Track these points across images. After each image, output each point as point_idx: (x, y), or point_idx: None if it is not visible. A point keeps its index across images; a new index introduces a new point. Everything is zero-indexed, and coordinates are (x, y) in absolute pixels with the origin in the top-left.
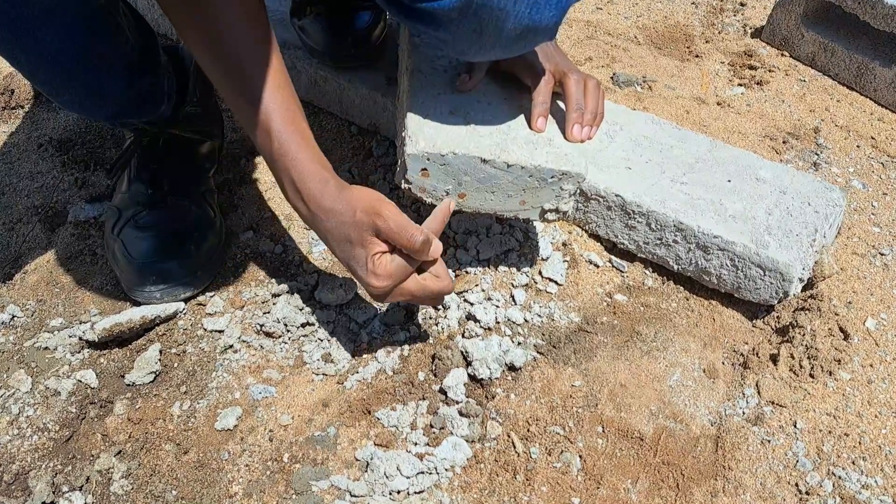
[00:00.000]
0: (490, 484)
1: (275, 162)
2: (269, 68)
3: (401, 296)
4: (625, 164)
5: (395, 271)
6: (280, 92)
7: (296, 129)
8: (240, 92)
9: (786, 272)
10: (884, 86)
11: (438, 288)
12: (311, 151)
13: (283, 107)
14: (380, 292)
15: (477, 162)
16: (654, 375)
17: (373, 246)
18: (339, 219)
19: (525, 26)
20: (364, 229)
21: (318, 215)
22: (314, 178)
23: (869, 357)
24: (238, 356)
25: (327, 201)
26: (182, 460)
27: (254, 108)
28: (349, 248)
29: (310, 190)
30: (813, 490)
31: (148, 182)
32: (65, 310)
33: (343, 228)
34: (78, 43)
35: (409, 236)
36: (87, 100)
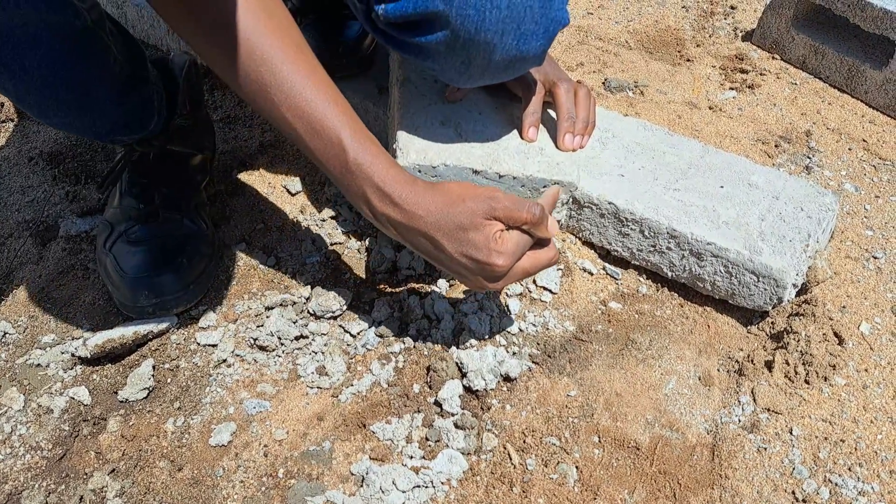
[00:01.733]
0: (486, 497)
1: (352, 174)
2: (318, 79)
3: (515, 276)
4: (617, 172)
5: (515, 248)
6: (339, 102)
7: (366, 136)
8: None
9: (780, 278)
10: (875, 88)
11: (549, 258)
12: (386, 156)
13: (349, 116)
14: (503, 271)
15: (468, 173)
16: (650, 384)
17: (490, 227)
18: (447, 210)
19: (513, 56)
20: (479, 214)
21: (417, 214)
22: (401, 181)
23: (864, 362)
24: (232, 370)
25: (425, 197)
26: (176, 477)
27: (316, 122)
28: (463, 235)
29: (401, 193)
30: (809, 497)
31: (139, 196)
32: (56, 326)
33: (453, 217)
34: (65, 67)
35: (527, 209)
36: (77, 120)
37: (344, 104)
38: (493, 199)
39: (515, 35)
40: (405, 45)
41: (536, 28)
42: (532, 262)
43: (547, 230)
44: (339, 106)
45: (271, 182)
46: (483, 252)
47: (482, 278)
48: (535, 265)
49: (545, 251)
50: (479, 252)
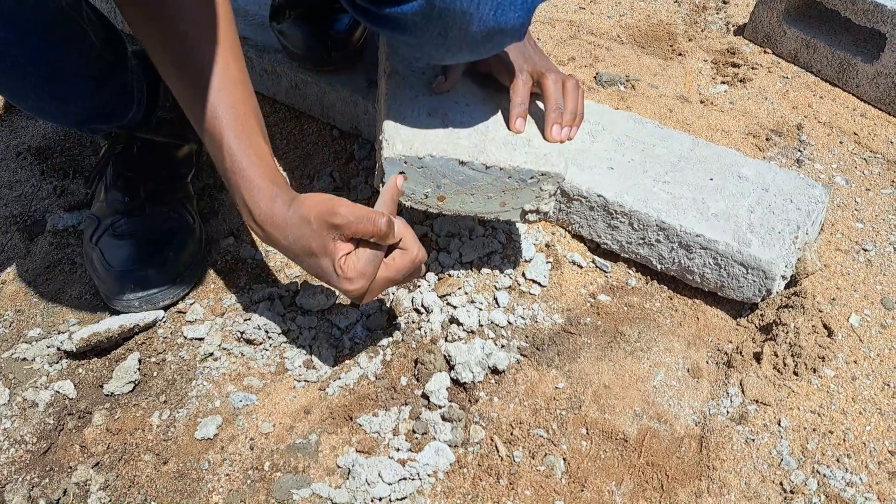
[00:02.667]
0: (473, 489)
1: (228, 180)
2: (228, 77)
3: (378, 288)
4: (607, 164)
5: (365, 267)
6: (237, 104)
7: (249, 144)
8: (194, 100)
9: (768, 270)
10: (866, 81)
11: (410, 261)
12: (263, 168)
13: (240, 121)
14: (358, 293)
15: (455, 164)
16: (638, 376)
17: (336, 250)
18: (296, 232)
19: (490, 28)
20: (324, 235)
21: (272, 234)
22: (264, 196)
23: (853, 354)
24: (218, 364)
25: (279, 218)
26: (161, 471)
27: (208, 119)
28: (314, 261)
29: (261, 209)
30: (798, 488)
31: (124, 189)
32: (43, 320)
33: (302, 241)
34: (40, 50)
35: (372, 223)
36: (52, 106)
37: (242, 107)
38: (335, 217)
39: (492, 5)
40: (382, 18)
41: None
42: (394, 271)
43: (394, 237)
44: (234, 108)
45: None
46: (332, 278)
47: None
48: (399, 272)
49: (403, 255)
50: (329, 277)
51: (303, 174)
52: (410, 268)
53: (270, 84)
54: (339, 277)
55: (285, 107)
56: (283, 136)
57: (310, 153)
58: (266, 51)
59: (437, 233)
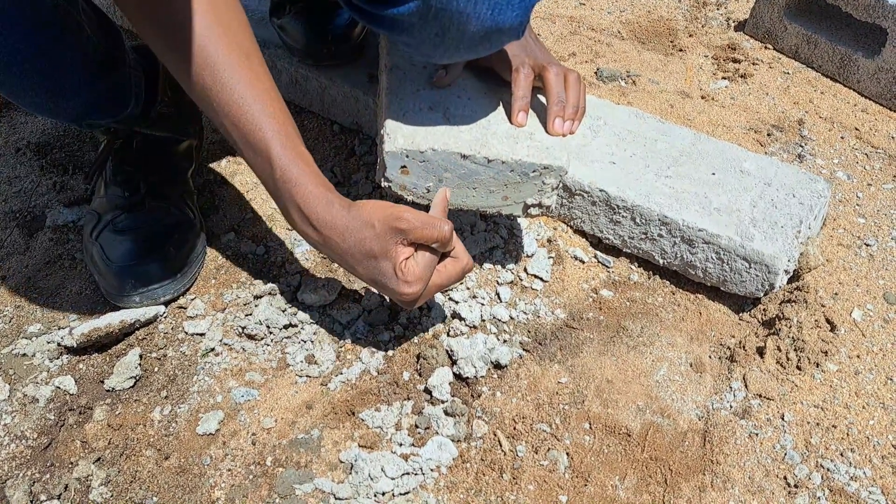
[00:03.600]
0: (476, 483)
1: (278, 189)
2: (261, 89)
3: (429, 294)
4: (609, 159)
5: (423, 272)
6: (276, 115)
7: (296, 153)
8: (230, 116)
9: (771, 264)
10: (867, 77)
11: (461, 269)
12: (313, 175)
13: (282, 131)
14: (413, 297)
15: (457, 158)
16: (641, 371)
17: (398, 254)
18: (357, 236)
19: (488, 28)
20: (387, 239)
21: (332, 238)
22: (320, 202)
23: (856, 348)
24: (220, 359)
25: (339, 222)
26: (163, 466)
27: (249, 133)
28: (373, 263)
29: (318, 214)
30: (801, 483)
31: (124, 185)
32: (43, 315)
33: (364, 244)
34: (34, 44)
35: (437, 228)
36: (49, 101)
37: (282, 117)
38: (401, 221)
39: (489, 5)
40: (379, 19)
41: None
42: (445, 278)
43: (453, 244)
44: (276, 118)
45: None
46: (392, 281)
47: (395, 300)
48: (449, 279)
49: (455, 263)
50: (388, 281)
51: None
52: (459, 275)
53: None
54: (399, 280)
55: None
56: None
57: (310, 148)
58: (266, 46)
59: None
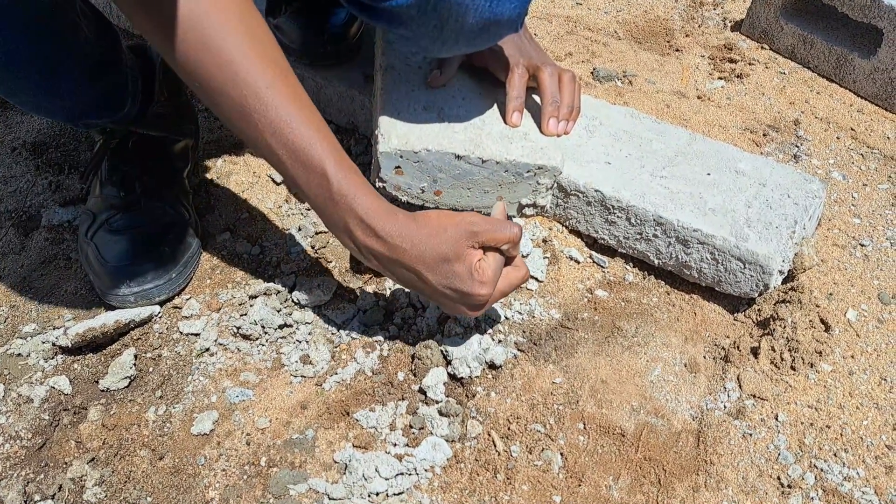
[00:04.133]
0: (470, 484)
1: (335, 205)
2: (303, 107)
3: (495, 299)
4: (604, 159)
5: (494, 275)
6: (323, 131)
7: (349, 167)
8: (278, 137)
9: (766, 265)
10: (863, 77)
11: (522, 276)
12: (369, 187)
13: (333, 146)
14: (486, 299)
15: (451, 158)
16: (636, 371)
17: (471, 256)
18: (430, 242)
19: (486, 19)
20: (461, 243)
21: (400, 247)
22: (384, 213)
23: (850, 348)
24: (214, 359)
25: (407, 230)
26: (157, 466)
27: (300, 151)
28: (447, 267)
29: (384, 225)
30: (795, 483)
31: (119, 184)
32: (38, 315)
33: (437, 249)
34: (31, 44)
35: (509, 229)
36: (45, 101)
37: (327, 133)
38: (473, 224)
39: None
40: (378, 12)
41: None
42: (508, 283)
43: (519, 248)
44: (324, 135)
45: (256, 171)
46: (467, 283)
47: (464, 307)
48: (511, 286)
49: (517, 270)
50: (462, 283)
51: None
52: (520, 283)
53: None
54: (474, 281)
55: None
56: None
57: None
58: None
59: None
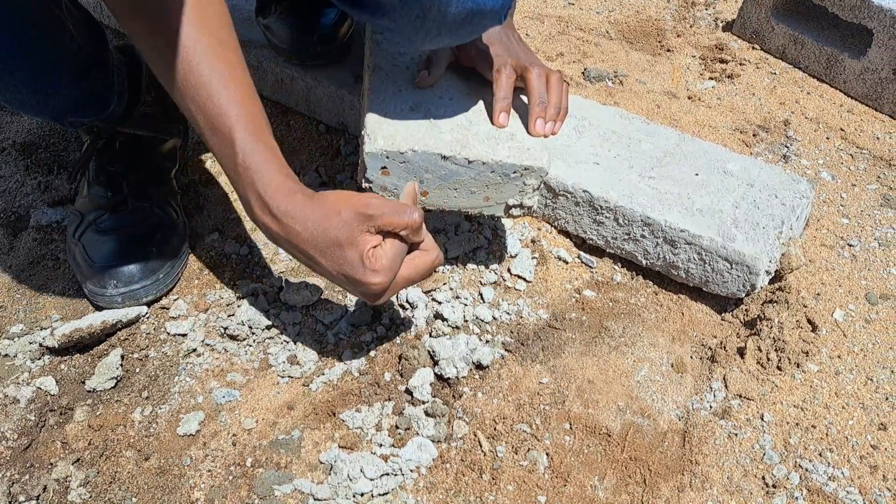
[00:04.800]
0: (456, 484)
1: (239, 176)
2: (230, 77)
3: (398, 287)
4: (593, 160)
5: (391, 262)
6: (244, 102)
7: (261, 141)
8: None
9: (752, 265)
10: (853, 77)
11: (430, 261)
12: (277, 164)
13: (248, 118)
14: (381, 288)
15: (437, 159)
16: (622, 371)
17: (365, 242)
18: (322, 224)
19: (469, 10)
20: (354, 226)
21: (293, 228)
22: (282, 191)
23: (837, 348)
24: (201, 360)
25: (301, 210)
26: (143, 467)
27: (214, 118)
28: (338, 252)
29: (279, 202)
30: (780, 483)
31: (107, 185)
32: (25, 316)
33: (329, 233)
34: (17, 42)
35: (408, 214)
36: (30, 98)
37: (250, 104)
38: (368, 207)
39: None
40: (360, 2)
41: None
42: (414, 270)
43: (423, 234)
44: (243, 105)
45: None
46: (358, 271)
47: (360, 294)
48: (419, 272)
49: (425, 255)
50: (354, 271)
51: None
52: (429, 269)
53: (256, 80)
54: (366, 269)
55: (271, 102)
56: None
57: (296, 149)
58: (252, 46)
59: None
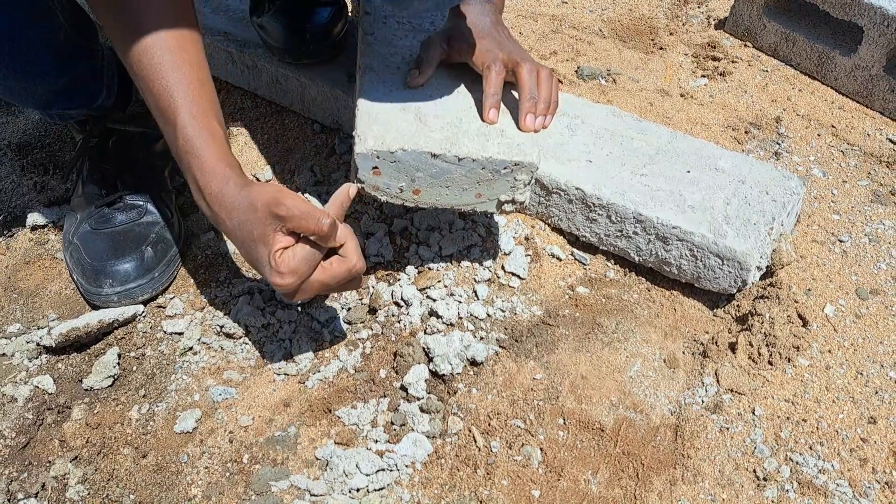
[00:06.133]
0: (451, 479)
1: (180, 159)
2: (183, 59)
3: (311, 290)
4: (586, 157)
5: (298, 266)
6: (191, 86)
7: (205, 125)
8: (148, 81)
9: (743, 261)
10: (844, 74)
11: (347, 269)
12: (217, 149)
13: (194, 101)
14: (287, 290)
15: (427, 157)
16: (615, 367)
17: (275, 242)
18: (242, 216)
19: None
20: (267, 224)
21: (219, 215)
22: (216, 177)
23: (827, 343)
24: (198, 358)
25: (229, 199)
26: (140, 464)
27: (163, 101)
28: (252, 248)
29: (211, 189)
30: (770, 476)
31: (101, 183)
32: (22, 315)
33: (246, 226)
34: (4, 27)
35: (315, 221)
36: (17, 84)
37: (197, 88)
38: (281, 207)
39: None
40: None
41: None
42: (328, 276)
43: (336, 241)
44: (190, 87)
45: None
46: (266, 269)
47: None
48: (332, 279)
49: (341, 262)
50: (262, 268)
51: (283, 169)
52: (346, 276)
53: (251, 79)
54: (271, 269)
55: (266, 101)
56: (265, 130)
57: (291, 148)
58: (247, 45)
59: (417, 226)
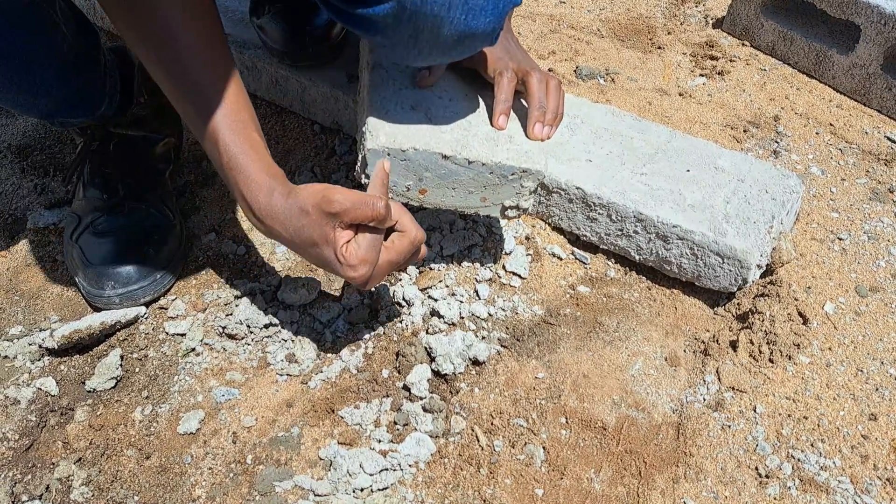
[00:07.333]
0: (454, 478)
1: (225, 175)
2: (218, 74)
3: (382, 273)
4: (585, 157)
5: (366, 254)
6: (230, 100)
7: (246, 139)
8: (187, 99)
9: (743, 259)
10: (841, 73)
11: (409, 242)
12: (260, 163)
13: (233, 116)
14: (362, 280)
15: (438, 158)
16: (617, 365)
17: (337, 239)
18: (296, 225)
19: (461, 32)
20: (323, 224)
21: (273, 228)
22: (262, 191)
23: (828, 341)
24: (200, 359)
25: (278, 211)
26: (144, 465)
27: (202, 117)
28: (316, 251)
29: (260, 203)
30: (773, 473)
31: (102, 187)
32: (24, 317)
33: (303, 233)
34: (8, 40)
35: (370, 207)
36: (20, 96)
37: (235, 100)
38: (333, 205)
39: (463, 9)
40: (354, 18)
41: (486, 4)
42: (395, 254)
43: (392, 220)
44: (227, 103)
45: None
46: (336, 267)
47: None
48: (400, 255)
49: (402, 237)
50: (332, 266)
51: (284, 170)
52: (410, 249)
53: (251, 80)
54: (342, 265)
55: (266, 102)
56: (265, 131)
57: (291, 149)
58: (246, 46)
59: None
